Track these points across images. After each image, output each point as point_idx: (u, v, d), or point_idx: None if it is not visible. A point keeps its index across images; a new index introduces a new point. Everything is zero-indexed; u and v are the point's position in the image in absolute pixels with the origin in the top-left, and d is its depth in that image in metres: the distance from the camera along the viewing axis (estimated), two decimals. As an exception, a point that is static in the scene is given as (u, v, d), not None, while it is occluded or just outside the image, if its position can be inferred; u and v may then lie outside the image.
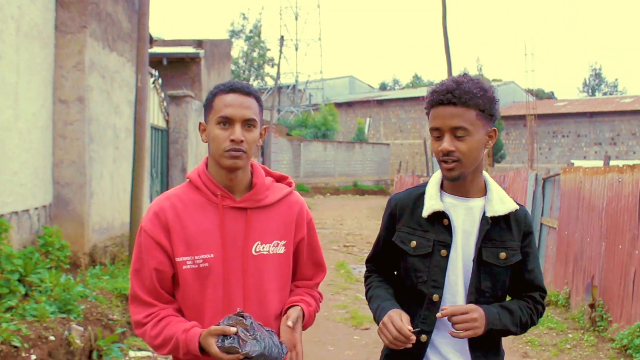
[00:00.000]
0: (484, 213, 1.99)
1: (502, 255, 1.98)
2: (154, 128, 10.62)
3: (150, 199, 9.48)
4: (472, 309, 1.89)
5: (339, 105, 45.15)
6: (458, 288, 1.98)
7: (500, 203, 2.00)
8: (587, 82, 64.78)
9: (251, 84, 2.01)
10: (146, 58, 7.53)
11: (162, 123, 11.38)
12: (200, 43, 13.84)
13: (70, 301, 4.93)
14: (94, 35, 7.10)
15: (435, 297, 1.97)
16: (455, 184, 2.00)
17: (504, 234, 2.00)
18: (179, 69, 13.31)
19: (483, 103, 1.90)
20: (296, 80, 47.54)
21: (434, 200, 2.00)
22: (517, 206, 2.04)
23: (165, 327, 1.89)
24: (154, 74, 10.20)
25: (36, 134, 6.37)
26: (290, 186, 2.10)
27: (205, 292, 1.92)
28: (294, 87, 47.39)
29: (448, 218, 1.99)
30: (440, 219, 2.00)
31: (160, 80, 10.80)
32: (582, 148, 36.08)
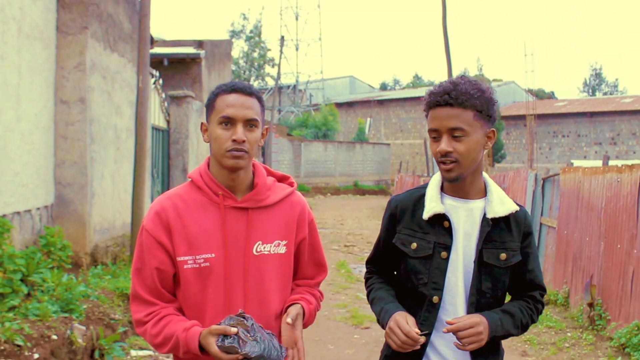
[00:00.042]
0: (485, 214, 1.99)
1: (503, 256, 1.99)
2: (155, 128, 10.63)
3: (151, 199, 9.49)
4: (477, 323, 1.89)
5: (340, 105, 45.12)
6: (458, 289, 1.99)
7: (500, 204, 2.00)
8: (588, 82, 64.71)
9: (252, 84, 2.02)
10: (147, 58, 7.54)
11: (163, 123, 11.39)
12: (200, 43, 13.85)
13: (72, 301, 4.95)
14: (95, 36, 7.12)
15: (435, 299, 1.98)
16: (455, 185, 2.00)
17: (504, 234, 2.01)
18: (180, 69, 13.32)
19: (480, 104, 1.91)
20: (297, 80, 47.52)
21: (434, 203, 2.00)
22: (517, 207, 2.04)
23: (165, 326, 1.89)
24: (155, 75, 10.21)
25: (38, 134, 6.39)
26: (292, 186, 2.09)
27: (206, 292, 1.92)
28: (295, 87, 47.38)
29: (449, 220, 1.99)
30: (441, 221, 2.00)
31: (161, 81, 10.80)
32: (582, 148, 36.06)
